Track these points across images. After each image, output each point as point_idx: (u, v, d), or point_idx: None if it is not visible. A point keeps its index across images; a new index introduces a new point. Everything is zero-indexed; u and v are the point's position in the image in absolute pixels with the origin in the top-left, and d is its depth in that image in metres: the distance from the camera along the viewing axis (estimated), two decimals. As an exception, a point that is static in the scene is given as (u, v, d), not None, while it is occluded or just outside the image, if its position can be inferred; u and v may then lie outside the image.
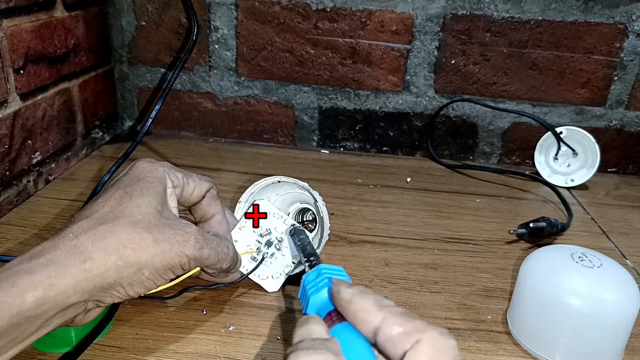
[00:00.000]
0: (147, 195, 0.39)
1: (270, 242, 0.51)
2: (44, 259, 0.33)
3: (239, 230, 0.51)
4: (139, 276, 0.37)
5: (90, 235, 0.36)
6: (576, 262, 0.43)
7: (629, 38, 0.80)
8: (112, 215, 0.37)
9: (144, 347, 0.42)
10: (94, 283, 0.35)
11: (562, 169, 0.82)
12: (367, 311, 0.26)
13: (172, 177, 0.43)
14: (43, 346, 0.41)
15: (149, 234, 0.37)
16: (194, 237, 0.39)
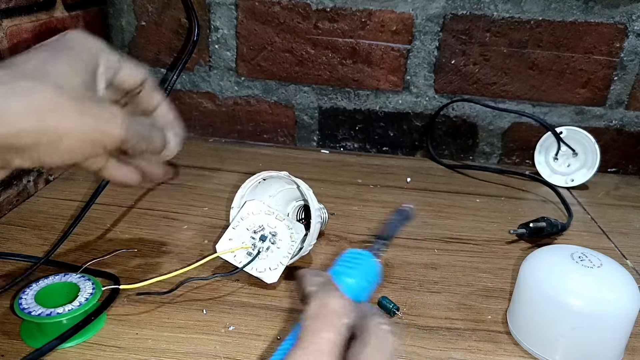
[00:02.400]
0: (75, 67, 0.35)
1: (265, 236, 0.52)
2: None
3: (232, 229, 0.52)
4: (58, 145, 0.33)
5: (10, 89, 0.32)
6: (576, 262, 0.43)
7: (629, 38, 0.80)
8: (35, 74, 0.33)
9: (144, 347, 0.42)
10: (4, 142, 0.32)
11: (562, 169, 0.82)
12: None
13: (106, 56, 0.39)
14: (35, 342, 0.41)
15: (74, 103, 0.34)
16: (121, 118, 0.36)
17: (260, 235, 0.52)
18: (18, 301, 0.42)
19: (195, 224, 0.62)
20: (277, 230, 0.52)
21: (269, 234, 0.52)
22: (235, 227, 0.52)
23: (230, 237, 0.52)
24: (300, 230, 0.52)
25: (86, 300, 0.43)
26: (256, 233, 0.52)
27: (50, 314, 0.41)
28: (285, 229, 0.52)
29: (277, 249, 0.51)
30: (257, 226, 0.52)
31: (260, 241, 0.52)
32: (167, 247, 0.57)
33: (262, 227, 0.52)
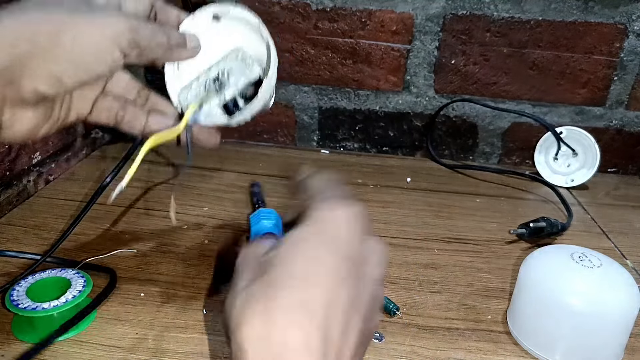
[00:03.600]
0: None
1: (217, 78, 0.43)
2: None
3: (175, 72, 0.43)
4: (61, 45, 0.31)
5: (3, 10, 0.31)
6: (576, 262, 0.43)
7: (629, 38, 0.80)
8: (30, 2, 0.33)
9: (143, 347, 0.42)
10: (2, 53, 0.30)
11: (562, 169, 0.82)
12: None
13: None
14: (25, 336, 0.42)
15: (65, 9, 0.32)
16: (124, 14, 0.35)
17: (215, 78, 0.43)
18: (10, 294, 0.42)
19: (195, 224, 0.62)
20: (230, 69, 0.43)
21: (220, 73, 0.43)
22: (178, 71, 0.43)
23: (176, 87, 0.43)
24: (255, 70, 0.43)
25: (74, 297, 0.43)
26: (205, 72, 0.43)
27: (36, 308, 0.41)
28: (241, 66, 0.43)
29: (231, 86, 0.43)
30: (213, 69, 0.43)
31: (214, 83, 0.43)
32: (167, 247, 0.56)
33: (223, 73, 0.43)
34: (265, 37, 0.43)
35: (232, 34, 0.44)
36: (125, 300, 0.47)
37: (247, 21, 0.44)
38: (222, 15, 0.43)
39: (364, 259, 0.28)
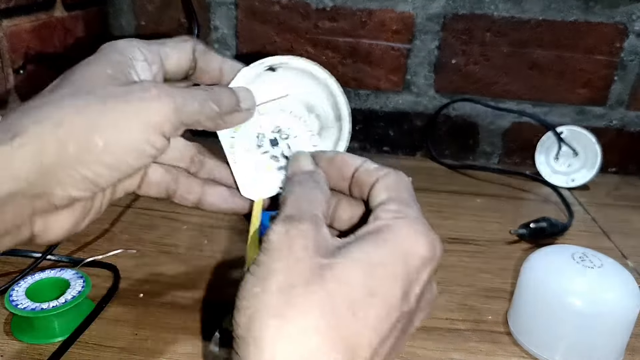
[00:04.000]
0: (96, 65, 0.30)
1: (276, 140, 0.37)
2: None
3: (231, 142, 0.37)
4: (91, 149, 0.27)
5: (20, 111, 0.27)
6: (577, 263, 0.43)
7: (629, 38, 0.80)
8: (49, 92, 0.29)
9: (143, 347, 0.42)
10: (29, 164, 0.26)
11: (563, 169, 0.82)
12: (352, 156, 0.33)
13: (142, 49, 0.32)
14: (23, 336, 0.42)
15: (96, 98, 0.28)
16: (155, 87, 0.29)
17: (272, 139, 0.37)
18: (9, 294, 0.42)
19: (195, 224, 0.61)
20: (296, 142, 0.37)
21: (286, 142, 0.37)
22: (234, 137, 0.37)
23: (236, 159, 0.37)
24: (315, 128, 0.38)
25: (73, 297, 0.43)
26: (261, 136, 0.37)
27: (35, 309, 0.41)
28: (303, 127, 0.37)
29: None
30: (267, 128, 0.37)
31: (273, 147, 0.37)
32: (167, 247, 0.56)
33: (279, 130, 0.37)
34: (334, 92, 0.38)
35: (291, 85, 0.37)
36: (124, 300, 0.47)
37: (311, 73, 0.37)
38: (279, 66, 0.36)
39: (418, 309, 0.28)
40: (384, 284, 0.25)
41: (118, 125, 0.28)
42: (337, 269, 0.25)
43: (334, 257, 0.26)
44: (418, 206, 0.30)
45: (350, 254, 0.26)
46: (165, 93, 0.29)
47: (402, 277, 0.26)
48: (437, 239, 0.28)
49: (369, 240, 0.27)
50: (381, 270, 0.25)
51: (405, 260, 0.26)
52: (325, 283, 0.24)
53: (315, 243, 0.26)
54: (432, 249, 0.28)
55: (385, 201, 0.29)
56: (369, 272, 0.25)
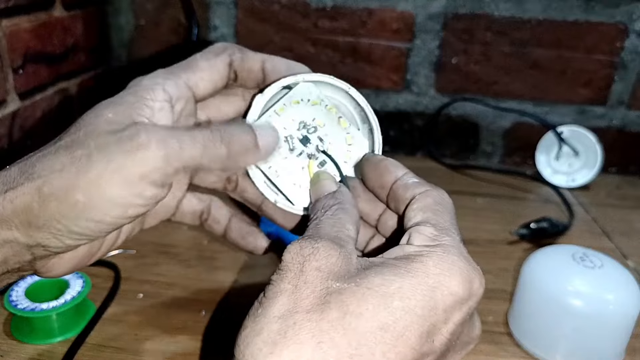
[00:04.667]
0: (100, 108, 0.29)
1: (308, 138, 0.34)
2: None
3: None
4: (73, 205, 0.27)
5: (22, 164, 0.28)
6: (577, 263, 0.43)
7: (630, 38, 0.79)
8: (52, 142, 0.29)
9: (143, 348, 0.42)
10: (19, 217, 0.27)
11: (564, 169, 0.82)
12: (396, 165, 0.33)
13: (167, 87, 0.31)
14: (23, 336, 0.41)
15: (82, 150, 0.27)
16: (145, 132, 0.27)
17: (301, 138, 0.34)
18: (8, 294, 0.42)
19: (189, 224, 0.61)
20: (326, 130, 0.34)
21: (316, 135, 0.34)
22: None
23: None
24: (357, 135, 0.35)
25: (72, 297, 0.42)
26: (289, 139, 0.34)
27: (35, 309, 0.41)
28: (326, 112, 0.34)
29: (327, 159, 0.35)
30: (292, 127, 0.34)
31: (305, 145, 0.34)
32: (166, 247, 0.56)
33: (304, 125, 0.34)
34: (361, 103, 0.35)
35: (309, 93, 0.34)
36: (124, 300, 0.47)
37: (329, 84, 0.34)
38: (294, 84, 0.34)
39: (450, 351, 0.25)
40: (400, 319, 0.22)
41: (100, 182, 0.26)
42: (345, 296, 0.23)
43: (346, 282, 0.23)
44: (459, 234, 0.27)
45: (366, 279, 0.23)
46: (156, 139, 0.27)
47: (425, 314, 0.23)
48: (476, 275, 0.25)
49: (392, 267, 0.24)
50: (398, 302, 0.23)
51: (432, 296, 0.23)
52: (328, 311, 0.22)
53: (331, 264, 0.24)
54: (467, 286, 0.24)
55: (420, 223, 0.27)
56: (383, 302, 0.22)
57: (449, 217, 0.28)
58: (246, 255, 0.55)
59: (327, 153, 0.34)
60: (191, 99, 0.32)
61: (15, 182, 0.27)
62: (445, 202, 0.29)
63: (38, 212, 0.27)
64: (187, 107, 0.32)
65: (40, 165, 0.27)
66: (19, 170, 0.28)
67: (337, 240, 0.25)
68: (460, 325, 0.24)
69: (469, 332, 0.26)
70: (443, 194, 0.29)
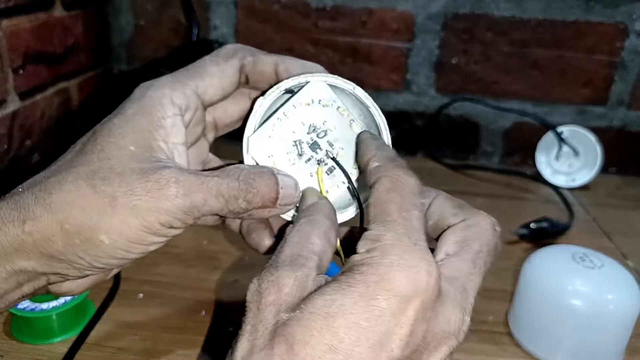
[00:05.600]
0: (119, 136, 0.28)
1: (317, 144, 0.33)
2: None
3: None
4: (97, 244, 0.27)
5: (37, 190, 0.27)
6: (577, 263, 0.43)
7: (629, 38, 0.79)
8: (67, 165, 0.28)
9: (143, 348, 0.42)
10: (39, 249, 0.27)
11: (564, 169, 0.82)
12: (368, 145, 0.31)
13: (175, 98, 0.30)
14: (22, 336, 0.41)
15: (105, 187, 0.27)
16: (175, 182, 0.27)
17: (311, 143, 0.33)
18: None
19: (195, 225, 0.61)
20: (336, 135, 0.33)
21: (325, 140, 0.33)
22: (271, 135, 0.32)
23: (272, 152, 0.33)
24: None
25: (72, 298, 0.42)
26: (298, 144, 0.33)
27: (35, 309, 0.41)
28: (337, 114, 0.33)
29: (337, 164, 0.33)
30: (301, 131, 0.33)
31: (314, 150, 0.33)
32: (166, 247, 0.56)
33: (314, 128, 0.33)
34: (363, 100, 0.35)
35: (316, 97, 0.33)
36: (124, 301, 0.47)
37: (335, 87, 0.33)
38: (297, 87, 0.32)
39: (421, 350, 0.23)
40: (346, 336, 0.22)
41: (123, 228, 0.27)
42: (291, 326, 0.22)
43: (293, 311, 0.23)
44: (411, 217, 0.25)
45: (310, 304, 0.22)
46: (184, 191, 0.27)
47: (371, 325, 0.22)
48: (421, 265, 0.23)
49: (334, 284, 0.23)
50: (341, 320, 0.22)
51: (375, 305, 0.22)
52: (278, 345, 0.22)
53: (284, 295, 0.23)
54: (411, 283, 0.23)
55: (370, 222, 0.25)
56: (326, 324, 0.22)
57: (400, 201, 0.26)
58: (246, 255, 0.55)
59: (336, 160, 0.33)
60: (200, 107, 0.32)
61: (32, 211, 0.27)
62: (399, 183, 0.27)
63: (61, 248, 0.27)
64: (196, 116, 0.32)
65: (58, 195, 0.27)
66: (33, 196, 0.27)
67: (295, 263, 0.25)
68: (419, 323, 0.23)
69: (439, 327, 0.24)
70: (398, 173, 0.27)
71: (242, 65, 0.32)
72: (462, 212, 0.29)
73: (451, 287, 0.26)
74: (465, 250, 0.27)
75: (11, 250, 0.26)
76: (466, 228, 0.28)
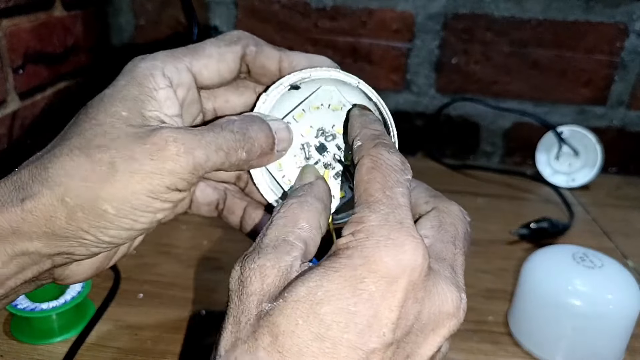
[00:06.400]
0: (110, 105, 0.27)
1: (324, 146, 0.33)
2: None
3: None
4: (101, 215, 0.26)
5: (33, 167, 0.26)
6: (577, 263, 0.43)
7: (629, 38, 0.79)
8: (61, 139, 0.27)
9: (143, 348, 0.42)
10: (42, 228, 0.26)
11: (564, 169, 0.82)
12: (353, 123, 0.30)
13: (167, 71, 0.30)
14: (23, 336, 0.41)
15: (102, 155, 0.26)
16: (174, 140, 0.26)
17: (318, 145, 0.33)
18: None
19: (194, 225, 0.61)
20: (335, 129, 0.33)
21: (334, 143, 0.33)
22: None
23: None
24: None
25: (72, 297, 0.43)
26: (306, 146, 0.33)
27: (35, 309, 0.41)
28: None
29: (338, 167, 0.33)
30: (309, 134, 0.33)
31: (321, 154, 0.33)
32: (166, 247, 0.56)
33: (322, 132, 0.33)
34: (368, 94, 0.33)
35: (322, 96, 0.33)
36: (124, 301, 0.47)
37: (339, 81, 0.33)
38: (301, 82, 0.32)
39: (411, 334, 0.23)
40: (333, 323, 0.21)
41: (126, 193, 0.26)
42: (275, 316, 0.21)
43: (275, 300, 0.22)
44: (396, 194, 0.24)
45: (294, 292, 0.22)
46: (184, 149, 0.26)
47: (359, 309, 0.21)
48: (408, 243, 0.22)
49: (319, 270, 0.22)
50: (327, 307, 0.21)
51: (363, 288, 0.21)
52: (262, 337, 0.21)
53: (266, 285, 0.23)
54: (398, 262, 0.22)
55: (356, 205, 0.25)
56: (312, 312, 0.21)
57: (382, 180, 0.25)
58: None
59: (343, 163, 0.32)
60: (193, 86, 0.31)
61: (30, 188, 0.26)
62: (380, 161, 0.26)
63: (64, 223, 0.26)
64: (190, 95, 0.31)
65: (55, 169, 0.26)
66: (29, 173, 0.26)
67: (280, 249, 0.24)
68: (410, 304, 0.22)
69: (435, 307, 0.23)
70: (380, 151, 0.26)
71: (244, 54, 0.31)
72: (434, 200, 0.31)
73: (440, 266, 0.25)
74: (443, 234, 0.28)
75: (10, 231, 0.25)
76: (439, 214, 0.29)
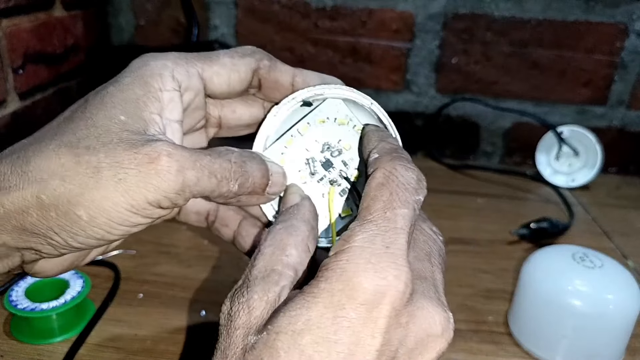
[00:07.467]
0: (110, 104, 0.26)
1: (330, 162, 0.32)
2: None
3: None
4: (74, 220, 0.24)
5: (15, 157, 0.25)
6: (577, 263, 0.43)
7: (629, 38, 0.79)
8: (51, 132, 0.26)
9: (142, 348, 0.42)
10: (12, 222, 0.24)
11: (564, 169, 0.82)
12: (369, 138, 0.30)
13: (177, 73, 0.28)
14: (23, 336, 0.41)
15: (90, 157, 0.24)
16: (167, 155, 0.24)
17: (324, 161, 0.32)
18: (8, 294, 0.42)
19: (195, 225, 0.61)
20: (351, 154, 0.32)
21: (340, 159, 0.32)
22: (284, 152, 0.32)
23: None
24: None
25: (72, 297, 0.43)
26: (311, 162, 0.32)
27: (35, 309, 0.41)
28: (354, 134, 0.33)
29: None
30: (315, 149, 0.32)
31: (327, 170, 0.32)
32: (166, 247, 0.56)
33: (328, 147, 0.32)
34: (384, 120, 0.33)
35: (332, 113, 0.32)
36: (124, 301, 0.47)
37: (352, 102, 0.33)
38: (314, 99, 0.31)
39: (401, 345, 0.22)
40: (315, 353, 0.21)
41: (105, 203, 0.24)
42: (259, 349, 0.21)
43: (260, 333, 0.22)
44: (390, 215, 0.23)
45: (276, 323, 0.22)
46: (177, 167, 0.24)
47: (340, 338, 0.21)
48: (389, 267, 0.22)
49: (300, 298, 0.22)
50: (308, 337, 0.21)
51: (343, 315, 0.21)
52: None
53: (254, 318, 0.23)
54: (377, 287, 0.21)
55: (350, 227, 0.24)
56: (294, 343, 0.21)
57: (387, 198, 0.24)
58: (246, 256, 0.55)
59: (349, 180, 0.31)
60: (201, 92, 0.30)
61: (7, 181, 0.24)
62: (393, 177, 0.25)
63: (35, 220, 0.24)
64: (196, 100, 0.30)
65: (36, 164, 0.24)
66: (10, 164, 0.25)
67: (268, 279, 0.24)
68: (393, 330, 0.22)
69: (422, 331, 0.23)
70: (395, 166, 0.25)
71: (257, 68, 0.31)
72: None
73: (424, 287, 0.24)
74: (418, 251, 0.26)
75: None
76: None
